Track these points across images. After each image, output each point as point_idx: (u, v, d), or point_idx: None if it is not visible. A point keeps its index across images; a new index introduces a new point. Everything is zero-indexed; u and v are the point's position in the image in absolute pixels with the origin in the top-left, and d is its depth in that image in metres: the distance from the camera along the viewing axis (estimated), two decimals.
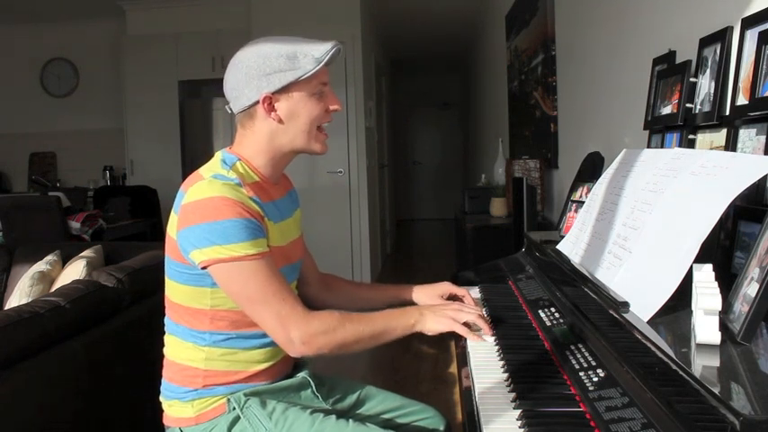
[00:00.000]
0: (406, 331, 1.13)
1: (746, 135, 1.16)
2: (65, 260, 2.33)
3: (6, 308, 1.86)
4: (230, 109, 1.17)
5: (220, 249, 1.03)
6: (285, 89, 1.12)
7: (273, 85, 1.11)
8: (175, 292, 1.15)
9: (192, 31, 5.32)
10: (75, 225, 3.59)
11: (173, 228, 1.11)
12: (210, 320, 1.12)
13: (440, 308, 1.18)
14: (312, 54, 1.11)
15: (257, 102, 1.12)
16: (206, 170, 1.13)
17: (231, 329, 1.13)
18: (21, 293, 2.13)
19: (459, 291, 1.37)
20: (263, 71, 1.10)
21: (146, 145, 5.39)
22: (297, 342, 1.05)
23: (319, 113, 1.16)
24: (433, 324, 1.14)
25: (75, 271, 2.13)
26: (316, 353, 1.07)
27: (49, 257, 2.32)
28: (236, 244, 1.03)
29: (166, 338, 1.20)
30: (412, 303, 1.38)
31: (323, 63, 1.11)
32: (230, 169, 1.12)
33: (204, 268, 1.06)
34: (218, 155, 1.17)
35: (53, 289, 1.97)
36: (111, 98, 5.86)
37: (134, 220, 4.45)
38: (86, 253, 2.27)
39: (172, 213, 1.12)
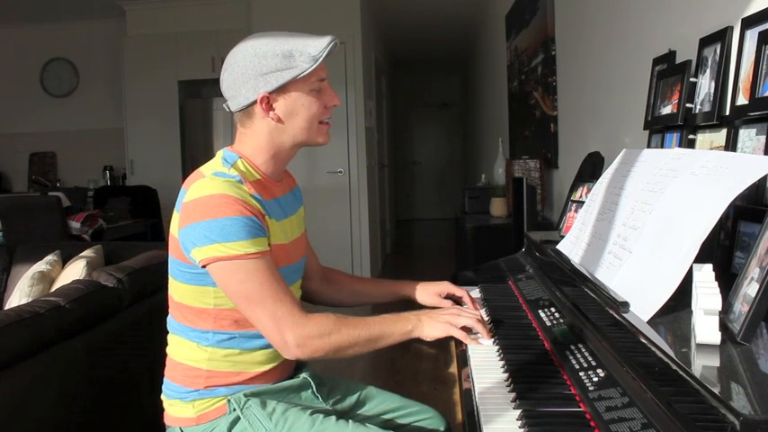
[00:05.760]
0: (404, 337, 1.12)
1: (746, 135, 1.16)
2: (65, 260, 2.33)
3: (6, 308, 1.86)
4: (228, 107, 1.17)
5: (220, 247, 1.02)
6: (282, 88, 1.10)
7: (270, 84, 1.09)
8: (179, 291, 1.14)
9: (192, 31, 5.32)
10: (75, 225, 3.59)
11: (175, 226, 1.11)
12: (214, 320, 1.12)
13: (438, 313, 1.16)
14: (308, 52, 1.09)
15: (255, 101, 1.11)
16: (207, 168, 1.13)
17: (234, 329, 1.13)
18: (21, 293, 2.13)
19: (458, 291, 1.36)
20: (259, 71, 1.09)
21: (146, 145, 5.39)
22: (291, 344, 1.04)
23: (318, 110, 1.14)
24: (431, 330, 1.12)
25: (75, 271, 2.13)
26: (310, 356, 1.06)
27: (49, 257, 2.32)
28: (236, 242, 1.03)
29: (170, 338, 1.19)
30: (411, 299, 1.38)
31: (320, 61, 1.10)
32: (231, 167, 1.11)
33: (204, 267, 1.05)
34: (220, 153, 1.17)
35: (53, 289, 1.97)
36: (111, 98, 5.86)
37: (134, 220, 4.46)
38: (86, 253, 2.27)
39: (174, 212, 1.12)
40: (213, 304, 1.11)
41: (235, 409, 1.12)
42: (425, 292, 1.37)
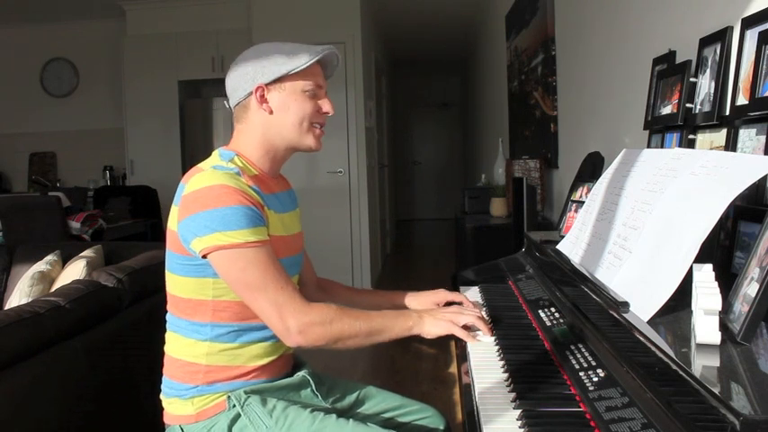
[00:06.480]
0: (404, 333, 1.14)
1: (746, 135, 1.16)
2: (65, 260, 2.33)
3: (6, 308, 1.86)
4: (228, 104, 1.21)
5: (221, 236, 1.04)
6: (278, 81, 1.16)
7: (267, 76, 1.15)
8: (177, 284, 1.15)
9: (192, 31, 5.32)
10: (75, 225, 3.59)
11: (173, 220, 1.12)
12: (213, 312, 1.13)
13: (439, 311, 1.19)
14: (308, 51, 1.16)
15: (251, 92, 1.16)
16: (206, 163, 1.17)
17: (233, 321, 1.14)
18: (21, 293, 2.13)
19: (457, 297, 1.37)
20: (259, 64, 1.15)
21: (146, 145, 5.39)
22: (293, 331, 1.05)
23: (311, 112, 1.18)
24: (432, 327, 1.14)
25: (75, 271, 2.13)
26: (311, 344, 1.07)
27: (49, 257, 2.32)
28: (237, 231, 1.04)
29: (168, 335, 1.20)
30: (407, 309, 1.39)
31: (316, 58, 1.15)
32: (230, 161, 1.15)
33: (205, 257, 1.07)
34: (216, 152, 1.20)
35: (53, 289, 1.97)
36: (111, 98, 5.86)
37: (134, 220, 4.46)
38: (86, 253, 2.27)
39: (172, 206, 1.14)
40: (212, 296, 1.12)
41: (234, 406, 1.12)
42: (421, 301, 1.38)
